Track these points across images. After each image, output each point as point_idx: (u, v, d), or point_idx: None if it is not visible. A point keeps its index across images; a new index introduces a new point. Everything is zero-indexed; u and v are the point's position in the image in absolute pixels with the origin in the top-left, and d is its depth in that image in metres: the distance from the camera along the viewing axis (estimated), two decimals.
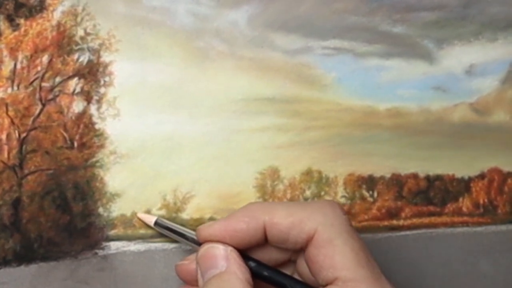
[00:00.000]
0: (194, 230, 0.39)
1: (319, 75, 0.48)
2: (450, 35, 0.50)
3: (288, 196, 0.47)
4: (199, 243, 0.38)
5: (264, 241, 0.37)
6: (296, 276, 0.39)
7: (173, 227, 0.41)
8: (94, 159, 0.43)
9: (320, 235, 0.35)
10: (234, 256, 0.36)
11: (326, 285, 0.35)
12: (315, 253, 0.35)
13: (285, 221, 0.36)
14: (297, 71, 0.47)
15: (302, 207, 0.37)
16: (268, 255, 0.38)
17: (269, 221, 0.36)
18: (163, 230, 0.42)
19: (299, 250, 0.37)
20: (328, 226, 0.35)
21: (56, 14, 0.43)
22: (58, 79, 0.43)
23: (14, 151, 0.41)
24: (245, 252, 0.37)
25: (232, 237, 0.36)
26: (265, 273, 0.37)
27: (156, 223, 0.42)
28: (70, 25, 0.43)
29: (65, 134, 0.43)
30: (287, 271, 0.39)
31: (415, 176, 0.49)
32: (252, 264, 0.37)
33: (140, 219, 0.43)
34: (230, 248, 0.36)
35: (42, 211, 0.42)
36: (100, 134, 0.43)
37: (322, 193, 0.47)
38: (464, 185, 0.50)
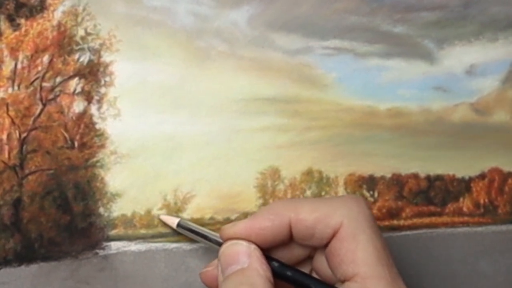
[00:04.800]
0: (216, 231, 0.39)
1: (320, 75, 0.48)
2: (450, 35, 0.50)
3: (289, 196, 0.47)
4: (222, 245, 0.37)
5: (289, 239, 0.37)
6: (313, 274, 0.39)
7: (195, 229, 0.41)
8: (94, 159, 0.43)
9: (344, 228, 0.35)
10: (257, 253, 0.36)
11: (345, 280, 0.35)
12: (337, 247, 0.35)
13: (311, 216, 0.36)
14: (297, 71, 0.47)
15: (327, 202, 0.37)
16: (290, 254, 0.38)
17: (295, 217, 0.36)
18: (186, 232, 0.42)
19: (324, 246, 0.37)
20: (353, 220, 0.35)
21: (57, 14, 0.43)
22: (58, 79, 0.43)
23: (15, 151, 0.41)
24: (267, 253, 0.37)
25: (257, 235, 0.36)
26: (288, 273, 0.37)
27: (178, 225, 0.42)
28: (70, 25, 0.43)
29: (65, 134, 0.43)
30: (305, 268, 0.39)
31: (415, 176, 0.49)
32: (275, 264, 0.37)
33: (162, 221, 0.43)
34: (253, 246, 0.36)
35: (43, 211, 0.42)
36: (100, 134, 0.43)
37: (323, 193, 0.47)
38: (465, 185, 0.50)
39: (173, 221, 0.42)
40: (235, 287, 0.34)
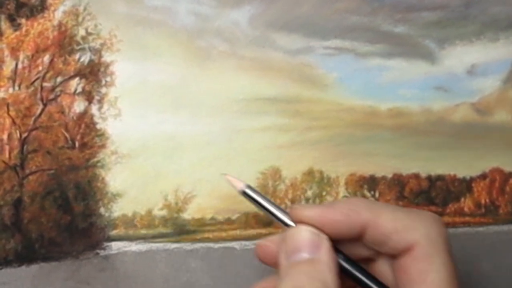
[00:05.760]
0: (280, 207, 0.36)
1: (321, 75, 0.48)
2: (451, 35, 0.50)
3: (290, 196, 0.47)
4: (286, 223, 0.35)
5: (356, 238, 0.35)
6: None
7: (261, 201, 0.36)
8: (95, 159, 0.43)
9: (421, 248, 0.34)
10: (328, 246, 0.34)
11: None
12: (410, 264, 0.34)
13: (390, 224, 0.34)
14: (298, 71, 0.47)
15: (407, 214, 0.35)
16: (351, 251, 0.36)
17: (373, 220, 0.34)
18: (250, 200, 0.37)
19: (390, 255, 0.35)
20: (431, 240, 0.34)
21: (58, 14, 0.43)
22: (59, 79, 0.43)
23: (16, 151, 0.41)
24: (335, 244, 0.34)
25: (329, 226, 0.34)
26: (353, 271, 0.35)
27: (243, 191, 0.36)
28: (71, 25, 0.43)
29: (66, 134, 0.43)
30: None
31: (416, 176, 0.49)
32: (341, 257, 0.35)
33: (228, 182, 0.37)
34: (325, 236, 0.34)
35: (43, 211, 0.42)
36: (101, 134, 0.43)
37: (324, 193, 0.47)
38: (466, 185, 0.50)
39: (239, 185, 0.37)
40: (304, 279, 0.32)
